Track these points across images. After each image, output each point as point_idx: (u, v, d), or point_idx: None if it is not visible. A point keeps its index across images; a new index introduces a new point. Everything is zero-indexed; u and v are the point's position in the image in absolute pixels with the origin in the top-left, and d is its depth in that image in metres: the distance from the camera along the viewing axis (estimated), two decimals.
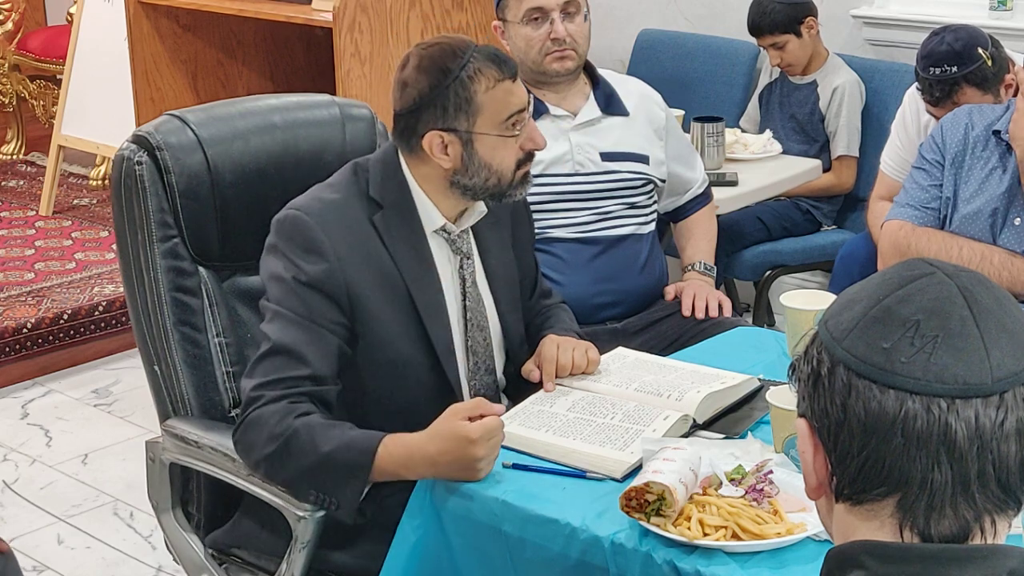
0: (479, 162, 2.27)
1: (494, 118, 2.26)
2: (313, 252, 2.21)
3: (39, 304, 4.48)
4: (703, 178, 3.29)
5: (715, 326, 2.90)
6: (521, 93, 2.29)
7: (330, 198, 2.28)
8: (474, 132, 2.25)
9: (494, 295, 2.42)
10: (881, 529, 1.15)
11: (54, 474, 3.74)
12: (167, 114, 2.46)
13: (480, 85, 2.24)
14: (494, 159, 2.27)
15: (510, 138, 2.28)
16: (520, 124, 2.29)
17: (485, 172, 2.28)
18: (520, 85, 2.30)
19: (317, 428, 2.11)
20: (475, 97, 2.24)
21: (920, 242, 2.88)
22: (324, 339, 2.19)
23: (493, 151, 2.27)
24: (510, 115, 2.27)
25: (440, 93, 2.24)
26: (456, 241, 2.35)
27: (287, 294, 2.20)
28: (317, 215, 2.24)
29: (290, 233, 2.23)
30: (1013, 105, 2.85)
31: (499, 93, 2.25)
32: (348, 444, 2.09)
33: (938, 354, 1.12)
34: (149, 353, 2.41)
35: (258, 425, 2.14)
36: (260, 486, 2.22)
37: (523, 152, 2.30)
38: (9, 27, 6.12)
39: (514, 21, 3.05)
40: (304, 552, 2.17)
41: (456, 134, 2.25)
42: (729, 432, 2.18)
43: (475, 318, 2.36)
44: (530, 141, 2.31)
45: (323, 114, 2.58)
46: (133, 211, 2.38)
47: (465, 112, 2.24)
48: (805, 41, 4.17)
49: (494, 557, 2.01)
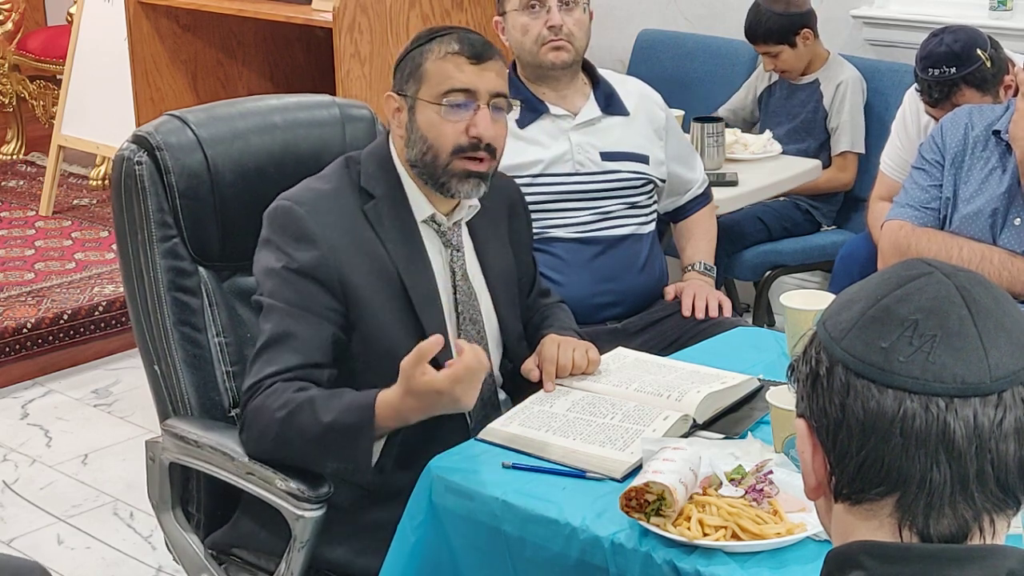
0: (417, 132, 2.29)
1: (433, 88, 2.27)
2: (304, 241, 2.22)
3: (39, 304, 4.48)
4: (703, 178, 3.29)
5: (715, 326, 2.90)
6: (473, 76, 2.27)
7: (322, 188, 2.29)
8: (417, 98, 2.29)
9: (490, 291, 2.42)
10: (880, 529, 1.15)
11: (54, 474, 3.74)
12: (167, 114, 2.47)
13: (432, 53, 2.28)
14: (429, 132, 2.28)
15: (443, 110, 2.26)
16: (454, 103, 2.26)
17: (422, 144, 2.29)
18: (481, 72, 2.27)
19: (317, 399, 2.12)
20: (424, 63, 2.29)
21: (920, 242, 2.88)
22: (320, 327, 2.20)
23: (429, 123, 2.28)
24: (449, 89, 2.26)
25: (405, 58, 2.32)
26: (446, 233, 2.36)
27: (280, 285, 2.21)
28: (308, 204, 2.25)
29: (282, 223, 2.25)
30: (1013, 105, 2.85)
31: (446, 65, 2.27)
32: (347, 407, 2.11)
33: (936, 353, 1.12)
34: (149, 353, 2.42)
35: (259, 413, 2.15)
36: (259, 485, 2.22)
37: (466, 137, 2.28)
38: (9, 27, 6.13)
39: (512, 10, 3.06)
40: (303, 551, 2.17)
41: (405, 98, 2.30)
42: (729, 432, 2.18)
43: (467, 311, 2.36)
44: (472, 127, 2.27)
45: (323, 114, 2.58)
46: (133, 211, 2.38)
47: (414, 77, 2.30)
48: (800, 51, 4.16)
49: (494, 557, 2.01)
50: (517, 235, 2.52)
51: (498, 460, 2.09)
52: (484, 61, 2.28)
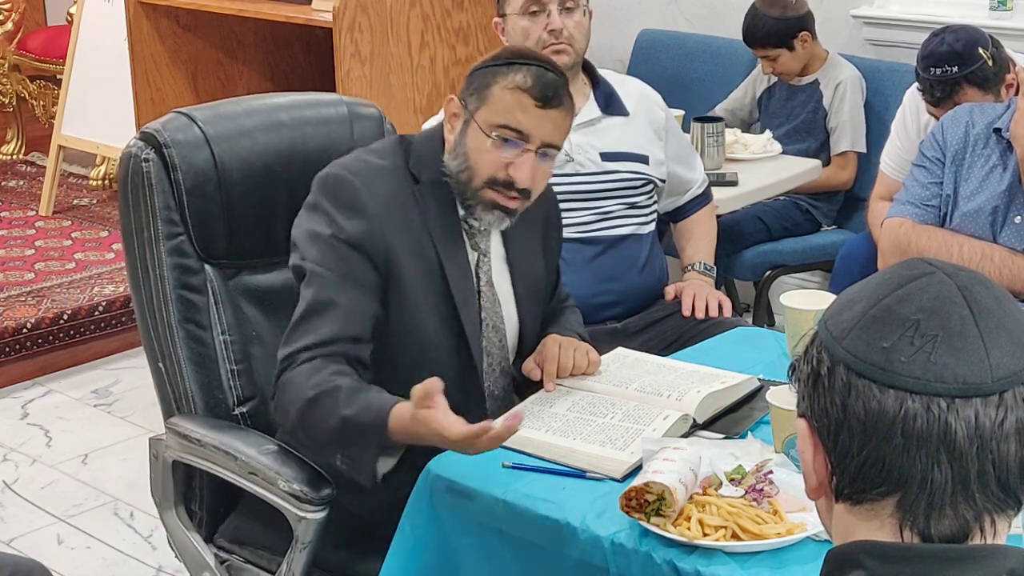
0: (463, 148, 2.28)
1: (491, 116, 2.26)
2: (355, 211, 2.21)
3: (39, 304, 4.47)
4: (703, 178, 3.29)
5: (715, 326, 2.90)
6: (532, 120, 2.24)
7: (376, 163, 2.29)
8: (473, 117, 2.27)
9: (516, 300, 2.41)
10: (881, 529, 1.15)
11: (54, 474, 3.74)
12: (174, 111, 2.46)
13: (502, 81, 2.26)
14: (472, 153, 2.27)
15: (489, 142, 2.24)
16: (503, 138, 2.24)
17: (462, 159, 2.28)
18: (543, 117, 2.24)
19: (344, 389, 2.09)
20: (492, 86, 2.27)
21: (920, 240, 2.87)
22: (362, 299, 2.19)
23: (476, 146, 2.27)
24: (503, 123, 2.24)
25: (480, 69, 2.30)
26: (476, 236, 2.35)
27: (326, 252, 2.19)
28: (362, 176, 2.25)
29: (333, 189, 2.24)
30: (1014, 103, 2.85)
31: (509, 97, 2.25)
32: (366, 406, 2.08)
33: (938, 353, 1.12)
34: (154, 350, 2.42)
35: (290, 387, 2.13)
36: (261, 486, 2.22)
37: (504, 173, 2.25)
38: (9, 27, 6.13)
39: (512, 14, 3.06)
40: (305, 552, 2.17)
41: (465, 110, 2.29)
42: (729, 432, 2.18)
43: (490, 318, 2.36)
44: (513, 167, 2.25)
45: (331, 112, 2.58)
46: (140, 208, 2.38)
47: (479, 95, 2.28)
48: (798, 53, 4.15)
49: (494, 557, 2.01)
50: (549, 245, 2.52)
51: (498, 460, 2.09)
52: (550, 108, 2.25)
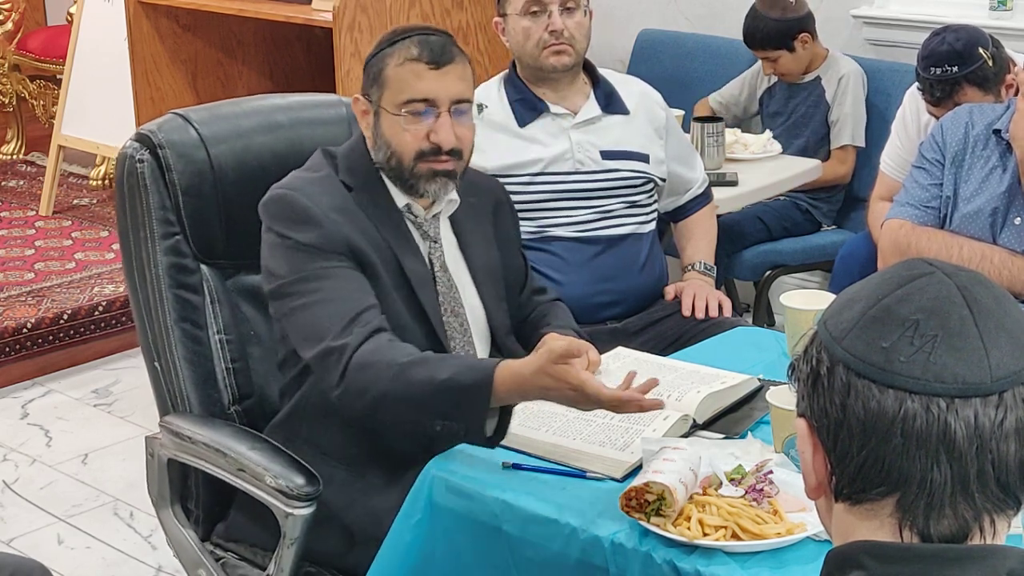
0: (382, 137, 2.30)
1: (393, 96, 2.27)
2: (306, 222, 2.23)
3: (39, 304, 4.47)
4: (703, 178, 3.29)
5: (715, 326, 2.90)
6: (432, 84, 2.25)
7: (310, 176, 2.31)
8: (380, 106, 2.29)
9: (476, 285, 2.42)
10: (880, 529, 1.15)
11: (54, 474, 3.74)
12: (171, 113, 2.49)
13: (392, 60, 2.27)
14: (392, 139, 2.29)
15: (402, 120, 2.25)
16: (413, 112, 2.25)
17: (386, 149, 2.29)
18: (441, 77, 2.26)
19: (432, 357, 2.11)
20: (385, 70, 2.28)
21: (920, 241, 2.87)
22: (353, 277, 2.21)
23: (391, 131, 2.29)
24: (408, 99, 2.26)
25: (370, 61, 2.31)
26: (423, 225, 2.36)
27: (298, 261, 2.21)
28: (302, 190, 2.27)
29: (279, 209, 2.26)
30: (1014, 104, 2.85)
31: (404, 72, 2.26)
32: (468, 367, 2.08)
33: (937, 353, 1.12)
34: (150, 349, 2.43)
35: (366, 367, 2.10)
36: (249, 482, 2.23)
37: (427, 143, 2.27)
38: (9, 27, 6.12)
39: (513, 14, 3.06)
40: (293, 548, 2.17)
41: (370, 103, 2.31)
42: (729, 432, 2.18)
43: (448, 303, 2.36)
44: (433, 133, 2.27)
45: (329, 113, 2.59)
46: (136, 208, 2.39)
47: (377, 82, 2.29)
48: (799, 55, 4.14)
49: (494, 557, 2.01)
50: (504, 233, 2.52)
51: (498, 460, 2.09)
52: (444, 66, 2.26)
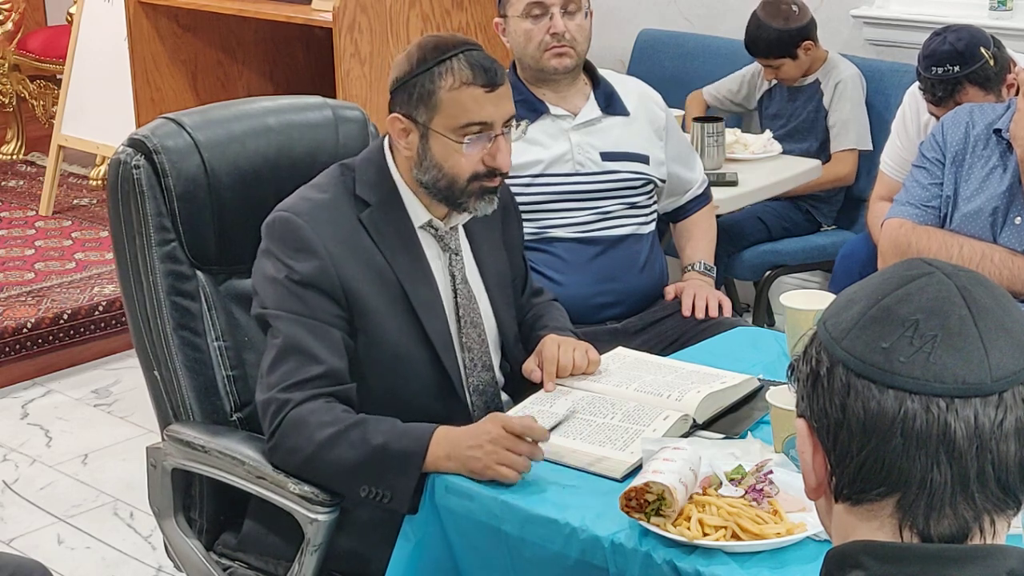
0: (431, 159, 2.27)
1: (449, 121, 2.24)
2: (305, 251, 2.21)
3: (39, 304, 4.47)
4: (703, 178, 3.29)
5: (715, 326, 2.90)
6: (489, 108, 2.24)
7: (318, 197, 2.28)
8: (430, 128, 2.26)
9: (488, 293, 2.42)
10: (880, 529, 1.15)
11: (54, 474, 3.74)
12: (162, 117, 2.46)
13: (445, 82, 2.23)
14: (445, 162, 2.26)
15: (460, 145, 2.24)
16: (472, 137, 2.24)
17: (436, 171, 2.27)
18: (497, 100, 2.25)
19: (370, 421, 2.12)
20: (437, 92, 2.24)
21: (920, 240, 2.87)
22: (329, 334, 2.20)
23: (445, 154, 2.26)
24: (466, 123, 2.24)
25: (412, 79, 2.26)
26: (444, 238, 2.36)
27: (284, 296, 2.21)
28: (306, 214, 2.24)
29: (280, 234, 2.24)
30: (1014, 104, 2.85)
31: (462, 96, 2.23)
32: (403, 433, 2.10)
33: (937, 354, 1.12)
34: (148, 358, 2.40)
35: (300, 425, 2.13)
36: (271, 490, 2.21)
37: (483, 166, 2.27)
38: (9, 27, 6.12)
39: (514, 16, 3.05)
40: (316, 555, 2.16)
41: (415, 124, 2.27)
42: (729, 432, 2.18)
43: (468, 314, 2.36)
44: (491, 157, 2.27)
45: (316, 116, 2.57)
46: (131, 215, 2.36)
47: (425, 105, 2.25)
48: (801, 61, 4.12)
49: (494, 557, 2.01)
50: (510, 236, 2.53)
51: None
52: (498, 88, 2.25)
